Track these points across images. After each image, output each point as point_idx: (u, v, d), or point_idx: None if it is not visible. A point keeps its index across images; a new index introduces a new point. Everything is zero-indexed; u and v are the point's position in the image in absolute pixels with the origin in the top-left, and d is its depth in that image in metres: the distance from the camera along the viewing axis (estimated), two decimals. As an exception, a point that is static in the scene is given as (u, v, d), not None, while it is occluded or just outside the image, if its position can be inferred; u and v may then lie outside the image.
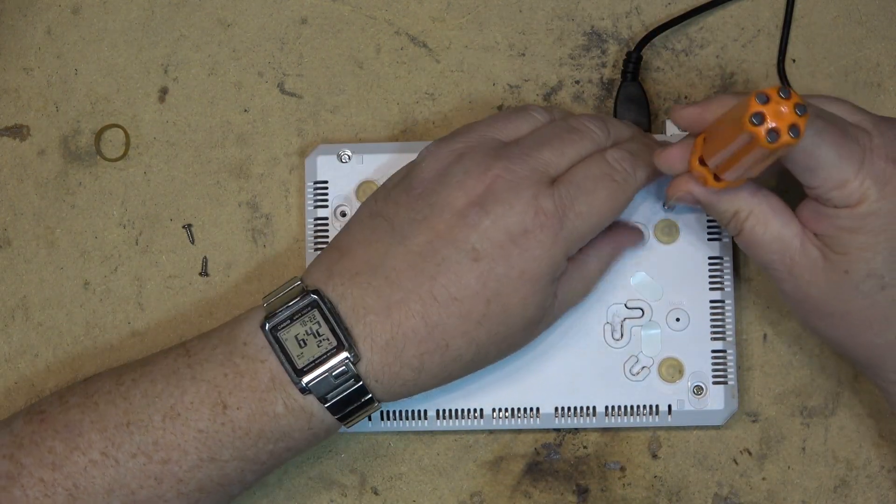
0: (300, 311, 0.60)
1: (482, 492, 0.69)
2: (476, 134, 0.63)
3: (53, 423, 0.60)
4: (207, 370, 0.60)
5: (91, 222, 0.72)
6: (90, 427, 0.59)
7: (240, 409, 0.59)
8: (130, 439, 0.59)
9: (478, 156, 0.61)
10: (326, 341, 0.59)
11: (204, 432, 0.59)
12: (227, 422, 0.59)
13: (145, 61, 0.73)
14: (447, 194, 0.60)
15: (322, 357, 0.59)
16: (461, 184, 0.60)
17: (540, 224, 0.59)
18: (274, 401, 0.59)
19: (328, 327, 0.59)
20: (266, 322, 0.60)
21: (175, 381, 0.60)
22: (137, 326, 0.71)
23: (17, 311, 0.71)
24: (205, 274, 0.71)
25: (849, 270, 0.58)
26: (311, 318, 0.60)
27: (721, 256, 0.68)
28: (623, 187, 0.62)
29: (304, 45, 0.72)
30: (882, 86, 0.71)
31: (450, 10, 0.72)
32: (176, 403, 0.59)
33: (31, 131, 0.72)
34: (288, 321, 0.60)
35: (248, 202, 0.71)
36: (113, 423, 0.59)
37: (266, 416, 0.59)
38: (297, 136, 0.72)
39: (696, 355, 0.67)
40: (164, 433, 0.59)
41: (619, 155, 0.62)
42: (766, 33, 0.71)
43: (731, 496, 0.68)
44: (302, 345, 0.60)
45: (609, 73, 0.72)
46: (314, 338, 0.59)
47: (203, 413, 0.59)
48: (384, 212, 0.62)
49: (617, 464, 0.69)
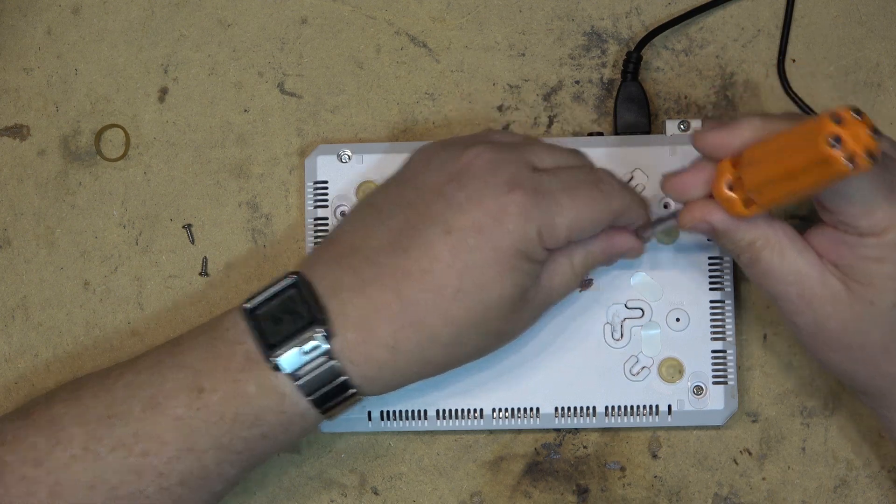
0: (279, 292, 0.59)
1: (482, 492, 0.69)
2: (469, 135, 0.63)
3: (37, 420, 0.59)
4: (189, 357, 0.59)
5: (91, 222, 0.72)
6: (72, 421, 0.59)
7: (215, 392, 0.58)
8: (111, 432, 0.58)
9: (465, 141, 0.61)
10: (300, 318, 0.58)
11: (181, 419, 0.58)
12: (203, 406, 0.58)
13: (145, 61, 0.73)
14: (430, 176, 0.60)
15: (294, 332, 0.58)
16: (443, 165, 0.60)
17: (514, 200, 0.58)
18: (247, 381, 0.58)
19: (303, 304, 0.58)
20: (246, 303, 0.60)
21: (158, 370, 0.59)
22: (137, 326, 0.71)
23: (17, 311, 0.71)
24: (205, 274, 0.71)
25: (874, 301, 0.56)
26: (289, 298, 0.59)
27: (721, 256, 0.68)
28: (607, 199, 0.60)
29: (304, 45, 0.72)
30: (882, 86, 0.71)
31: (450, 10, 0.72)
32: (156, 392, 0.59)
33: (31, 131, 0.72)
34: (266, 302, 0.59)
35: (248, 202, 0.71)
36: (95, 416, 0.59)
37: (240, 397, 0.58)
38: (297, 136, 0.72)
39: (696, 355, 0.67)
40: (143, 424, 0.58)
41: (608, 174, 0.62)
42: (766, 33, 0.71)
43: (731, 496, 0.69)
44: (277, 322, 0.59)
45: (609, 73, 0.72)
46: (289, 315, 0.59)
47: (181, 399, 0.58)
48: (374, 201, 0.62)
49: (617, 464, 0.69)
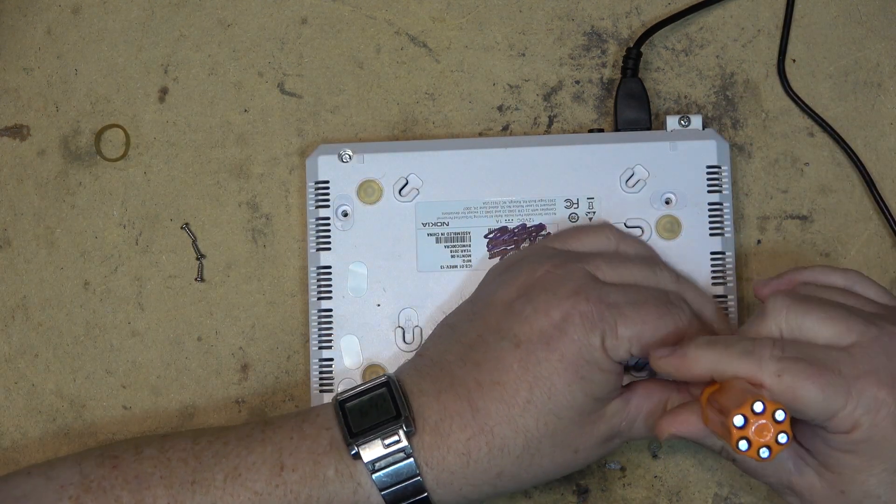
0: (371, 389, 0.62)
1: (482, 492, 0.69)
2: (535, 245, 0.66)
3: (125, 472, 0.60)
4: (277, 434, 0.61)
5: (91, 222, 0.72)
6: (159, 482, 0.60)
7: (295, 471, 0.60)
8: (192, 498, 0.59)
9: (532, 258, 0.63)
10: (387, 413, 0.60)
11: (259, 494, 0.59)
12: (282, 483, 0.59)
13: (145, 61, 0.73)
14: (501, 292, 0.62)
15: (377, 424, 0.60)
16: (513, 281, 0.62)
17: (577, 310, 0.59)
18: (328, 464, 0.60)
19: (391, 402, 0.61)
20: (339, 395, 0.62)
21: (245, 444, 0.61)
22: (137, 326, 0.71)
23: (17, 311, 0.71)
24: (200, 279, 0.71)
25: (845, 491, 0.57)
26: (379, 396, 0.61)
27: (723, 251, 0.68)
28: (674, 316, 0.60)
29: (304, 45, 0.72)
30: (882, 86, 0.71)
31: (450, 10, 0.72)
32: (240, 464, 0.60)
33: (31, 131, 0.72)
34: (357, 396, 0.62)
35: (248, 202, 0.71)
36: (179, 480, 0.60)
37: (317, 479, 0.60)
38: (297, 136, 0.72)
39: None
40: (223, 493, 0.59)
41: (679, 297, 0.62)
42: (766, 33, 0.71)
43: (731, 496, 0.68)
44: (364, 414, 0.61)
45: (609, 72, 0.72)
46: (376, 409, 0.61)
47: (262, 473, 0.60)
48: (451, 321, 0.65)
49: (617, 464, 0.69)
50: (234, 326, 0.71)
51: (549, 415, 0.59)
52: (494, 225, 0.69)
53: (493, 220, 0.69)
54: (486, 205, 0.69)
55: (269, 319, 0.71)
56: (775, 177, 0.70)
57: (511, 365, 0.60)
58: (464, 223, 0.69)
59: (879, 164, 0.70)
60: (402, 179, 0.69)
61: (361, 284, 0.69)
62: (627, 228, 0.68)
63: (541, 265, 0.62)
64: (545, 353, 0.59)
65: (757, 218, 0.70)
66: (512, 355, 0.60)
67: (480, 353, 0.61)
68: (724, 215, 0.68)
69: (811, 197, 0.70)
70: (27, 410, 0.71)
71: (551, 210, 0.69)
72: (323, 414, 0.62)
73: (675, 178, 0.68)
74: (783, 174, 0.70)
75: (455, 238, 0.69)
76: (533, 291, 0.61)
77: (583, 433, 0.60)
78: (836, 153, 0.71)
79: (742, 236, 0.70)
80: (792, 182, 0.70)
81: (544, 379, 0.59)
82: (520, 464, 0.60)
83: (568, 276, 0.61)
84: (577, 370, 0.59)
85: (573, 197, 0.69)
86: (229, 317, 0.71)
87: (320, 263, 0.69)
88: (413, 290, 0.68)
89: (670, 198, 0.68)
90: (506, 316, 0.61)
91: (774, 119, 0.71)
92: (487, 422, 0.59)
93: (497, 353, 0.60)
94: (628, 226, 0.68)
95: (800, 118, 0.71)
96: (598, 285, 0.61)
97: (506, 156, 0.69)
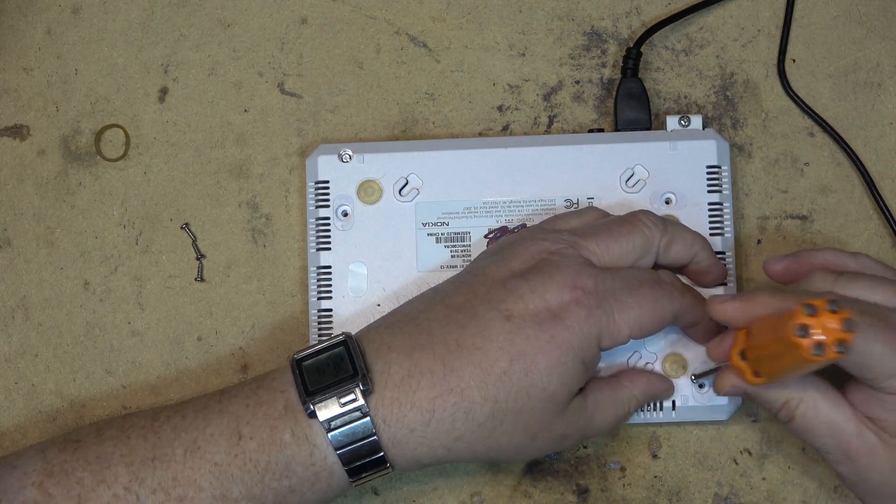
0: (329, 347, 0.61)
1: (482, 492, 0.69)
2: (531, 228, 0.65)
3: (86, 454, 0.60)
4: (233, 403, 0.61)
5: (91, 222, 0.72)
6: (119, 460, 0.60)
7: (252, 439, 0.59)
8: (153, 474, 0.59)
9: (527, 240, 0.63)
10: (343, 371, 0.60)
11: (219, 465, 0.59)
12: (241, 453, 0.59)
13: (145, 61, 0.73)
14: (493, 269, 0.62)
15: (334, 383, 0.59)
16: (507, 261, 0.62)
17: (577, 299, 0.60)
18: (283, 428, 0.59)
19: (349, 360, 0.60)
20: (296, 354, 0.61)
21: (203, 415, 0.61)
22: (137, 326, 0.71)
23: (17, 311, 0.71)
24: (200, 280, 0.71)
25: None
26: (336, 354, 0.61)
27: (723, 251, 0.68)
28: (668, 297, 0.61)
29: (304, 45, 0.72)
30: (882, 86, 0.71)
31: (450, 10, 0.72)
32: (199, 436, 0.60)
33: (31, 131, 0.72)
34: (314, 355, 0.61)
35: (248, 202, 0.71)
36: (140, 457, 0.60)
37: (274, 444, 0.59)
38: (297, 136, 0.72)
39: (700, 350, 0.67)
40: (183, 468, 0.59)
41: (669, 275, 0.63)
42: (766, 33, 0.71)
43: (731, 496, 0.68)
44: (320, 373, 0.60)
45: (609, 72, 0.72)
46: (334, 368, 0.60)
47: (220, 444, 0.60)
48: (438, 286, 0.64)
49: (617, 464, 0.69)
50: (234, 326, 0.71)
51: (521, 391, 0.59)
52: (494, 225, 0.69)
53: (493, 220, 0.69)
54: (486, 205, 0.69)
55: (269, 319, 0.71)
56: (775, 177, 0.70)
57: (497, 335, 0.59)
58: (464, 223, 0.69)
59: (879, 164, 0.70)
60: (402, 179, 0.69)
61: (361, 284, 0.69)
62: (627, 228, 0.68)
63: (536, 248, 0.62)
64: (535, 332, 0.59)
65: (757, 218, 0.70)
66: (500, 326, 0.59)
67: (466, 317, 0.60)
68: (724, 215, 0.68)
69: (811, 197, 0.70)
70: (27, 410, 0.71)
71: (551, 210, 0.69)
72: (279, 377, 0.61)
73: (675, 178, 0.68)
74: (783, 174, 0.70)
75: (455, 238, 0.69)
76: (529, 273, 0.61)
77: (545, 420, 0.60)
78: (836, 153, 0.71)
79: (742, 236, 0.70)
80: (792, 182, 0.70)
81: (528, 356, 0.59)
82: (480, 433, 0.60)
83: (564, 264, 0.61)
84: (562, 356, 0.59)
85: (573, 197, 0.69)
86: (229, 317, 0.71)
87: (320, 263, 0.69)
88: (413, 290, 0.68)
89: (670, 198, 0.68)
90: (498, 290, 0.61)
91: (774, 119, 0.71)
92: (459, 383, 0.59)
93: (484, 321, 0.60)
94: (628, 226, 0.68)
95: (800, 118, 0.71)
96: (594, 273, 0.61)
97: (506, 156, 0.69)
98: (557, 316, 0.59)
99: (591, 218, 0.65)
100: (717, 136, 0.69)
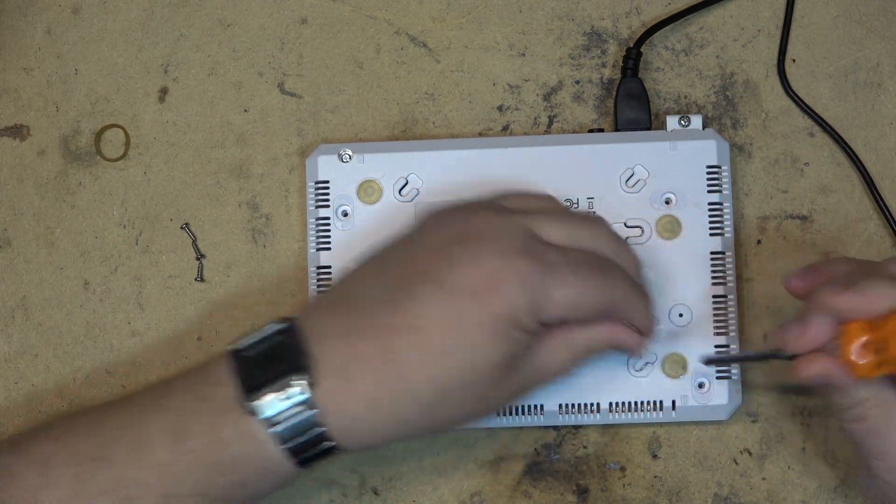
0: (268, 336, 0.59)
1: (482, 492, 0.69)
2: (477, 199, 0.63)
3: (33, 455, 0.58)
4: (175, 399, 0.58)
5: (91, 222, 0.72)
6: (64, 461, 0.57)
7: (196, 438, 0.57)
8: (97, 476, 0.57)
9: (473, 207, 0.61)
10: (283, 363, 0.57)
11: (164, 465, 0.57)
12: (186, 452, 0.57)
13: (145, 61, 0.73)
14: (436, 235, 0.60)
15: (274, 377, 0.57)
16: (451, 226, 0.60)
17: (514, 266, 0.57)
18: (225, 425, 0.57)
19: (289, 351, 0.57)
20: (231, 345, 0.59)
21: (145, 412, 0.58)
22: (137, 326, 0.71)
23: (17, 311, 0.71)
24: (200, 279, 0.71)
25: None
26: (277, 343, 0.58)
27: (723, 251, 0.68)
28: (610, 285, 0.60)
29: (304, 45, 0.72)
30: (882, 86, 0.71)
31: (450, 10, 0.72)
32: (141, 434, 0.57)
33: (31, 131, 0.72)
34: (254, 345, 0.58)
35: (248, 202, 0.71)
36: (85, 457, 0.57)
37: (219, 442, 0.57)
38: (297, 136, 0.72)
39: (700, 350, 0.67)
40: (127, 468, 0.57)
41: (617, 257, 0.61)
42: (766, 33, 0.71)
43: (731, 496, 0.68)
44: (260, 366, 0.58)
45: (609, 73, 0.72)
46: (274, 360, 0.57)
47: (165, 443, 0.57)
48: (379, 254, 0.61)
49: (617, 464, 0.69)
50: (234, 326, 0.71)
51: (465, 368, 0.57)
52: (494, 225, 0.69)
53: (493, 220, 0.69)
54: (486, 205, 0.69)
55: (268, 319, 0.70)
56: (775, 177, 0.70)
57: (433, 313, 0.57)
58: (464, 223, 0.69)
59: (879, 164, 0.70)
60: (402, 179, 0.69)
61: (361, 284, 0.69)
62: (627, 228, 0.68)
63: (482, 215, 0.60)
64: (471, 305, 0.56)
65: (757, 218, 0.70)
66: (436, 302, 0.57)
67: (402, 295, 0.57)
68: (724, 215, 0.68)
69: (811, 197, 0.70)
70: (27, 410, 0.71)
71: (551, 210, 0.69)
72: (217, 370, 0.58)
73: (675, 178, 0.68)
74: (783, 174, 0.70)
75: (455, 238, 0.69)
76: (469, 239, 0.58)
77: (494, 386, 0.58)
78: (836, 153, 0.71)
79: (742, 236, 0.70)
80: (792, 182, 0.70)
81: (466, 332, 0.56)
82: (428, 412, 0.58)
83: (509, 230, 0.59)
84: (500, 326, 0.57)
85: (573, 197, 0.69)
86: (229, 317, 0.71)
87: (320, 263, 0.69)
88: (413, 290, 0.68)
89: (670, 198, 0.68)
90: (436, 260, 0.58)
91: (774, 119, 0.71)
92: (400, 368, 0.56)
93: (420, 297, 0.57)
94: (628, 226, 0.68)
95: (800, 118, 0.71)
96: (538, 244, 0.59)
97: (506, 156, 0.69)
98: (494, 284, 0.57)
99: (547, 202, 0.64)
100: (717, 136, 0.69)
